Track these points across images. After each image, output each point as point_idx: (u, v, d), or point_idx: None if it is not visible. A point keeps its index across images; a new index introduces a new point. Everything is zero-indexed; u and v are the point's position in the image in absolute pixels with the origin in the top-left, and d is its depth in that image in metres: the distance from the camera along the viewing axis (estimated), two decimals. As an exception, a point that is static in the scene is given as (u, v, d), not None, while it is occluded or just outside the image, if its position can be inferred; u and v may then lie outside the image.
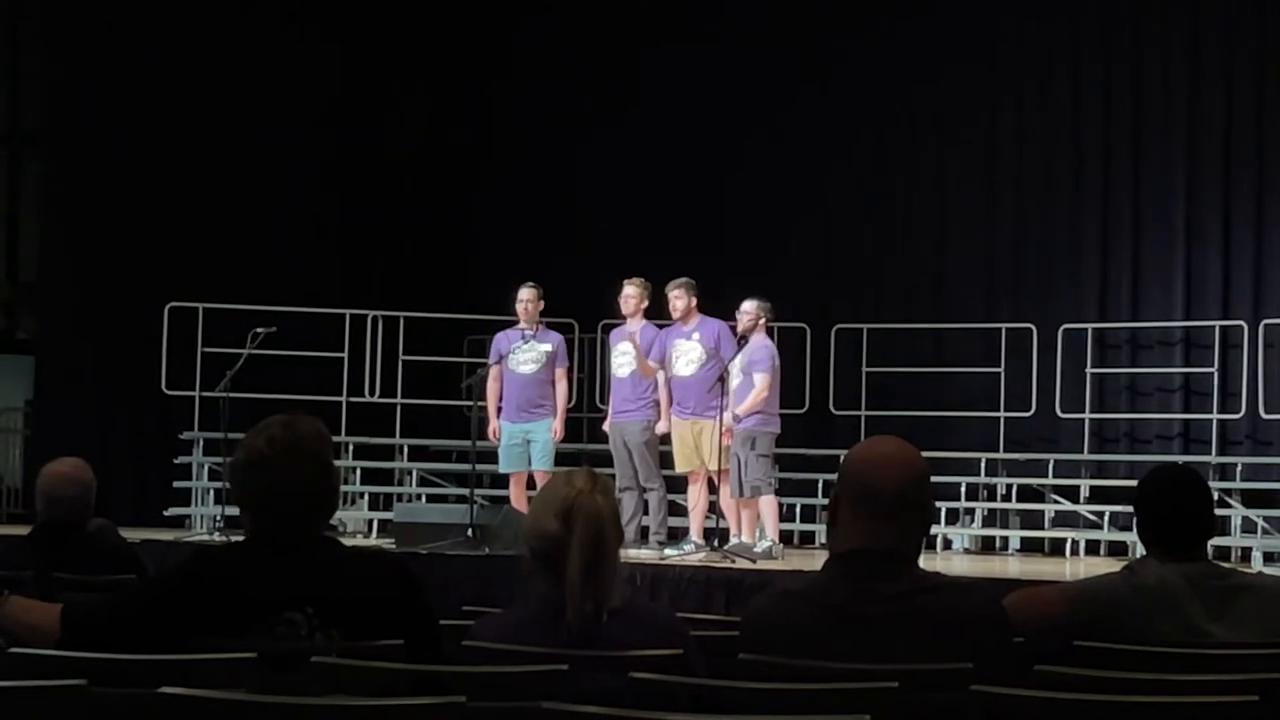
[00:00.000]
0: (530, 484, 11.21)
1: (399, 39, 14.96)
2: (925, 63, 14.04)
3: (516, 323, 11.37)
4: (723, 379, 10.60)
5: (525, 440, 11.26)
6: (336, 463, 3.92)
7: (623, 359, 11.18)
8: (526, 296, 11.30)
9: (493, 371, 11.38)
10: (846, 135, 14.26)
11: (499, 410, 11.36)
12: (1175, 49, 13.36)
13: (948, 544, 12.76)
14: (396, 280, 14.57)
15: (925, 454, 3.70)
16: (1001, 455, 13.10)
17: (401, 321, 13.80)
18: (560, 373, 11.35)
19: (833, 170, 14.33)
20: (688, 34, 14.52)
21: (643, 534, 11.16)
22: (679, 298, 10.94)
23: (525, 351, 11.26)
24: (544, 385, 11.30)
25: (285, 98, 14.08)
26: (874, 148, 14.27)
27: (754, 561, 10.23)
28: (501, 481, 12.62)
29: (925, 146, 14.20)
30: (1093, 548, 12.33)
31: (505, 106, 14.97)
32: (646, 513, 11.20)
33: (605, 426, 11.41)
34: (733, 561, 10.18)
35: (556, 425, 11.24)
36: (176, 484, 13.14)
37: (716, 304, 11.21)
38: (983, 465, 12.97)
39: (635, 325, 11.11)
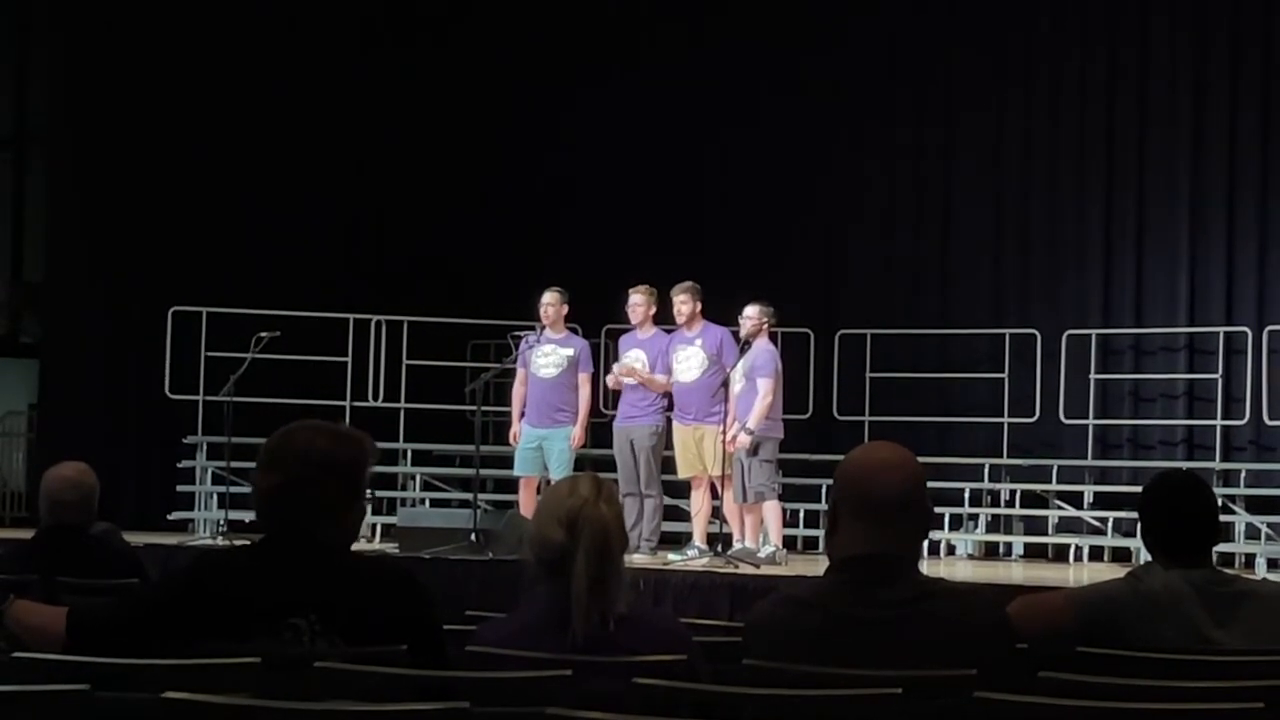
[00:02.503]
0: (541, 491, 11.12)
1: (404, 43, 14.96)
2: (929, 65, 14.04)
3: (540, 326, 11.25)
4: (725, 385, 10.59)
5: (540, 445, 11.08)
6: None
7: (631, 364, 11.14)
8: (548, 300, 11.17)
9: (519, 375, 11.31)
10: (850, 138, 14.24)
11: (522, 414, 11.23)
12: (1181, 53, 13.35)
13: (951, 549, 12.73)
14: (400, 284, 14.56)
15: (928, 459, 3.70)
16: (1005, 461, 13.08)
17: (405, 326, 13.78)
18: (584, 378, 11.14)
19: (836, 174, 14.31)
20: (686, 33, 14.50)
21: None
22: (684, 302, 10.91)
23: (545, 355, 11.14)
24: (565, 390, 11.11)
25: (289, 103, 14.07)
26: (878, 151, 14.23)
27: (757, 567, 10.22)
28: (505, 486, 12.60)
29: (929, 151, 14.17)
30: (1096, 554, 12.32)
31: (505, 108, 14.94)
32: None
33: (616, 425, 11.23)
34: (736, 567, 10.16)
35: (576, 433, 11.00)
36: (180, 488, 13.15)
37: (720, 309, 11.20)
38: (986, 471, 12.95)
39: (645, 334, 11.08)
